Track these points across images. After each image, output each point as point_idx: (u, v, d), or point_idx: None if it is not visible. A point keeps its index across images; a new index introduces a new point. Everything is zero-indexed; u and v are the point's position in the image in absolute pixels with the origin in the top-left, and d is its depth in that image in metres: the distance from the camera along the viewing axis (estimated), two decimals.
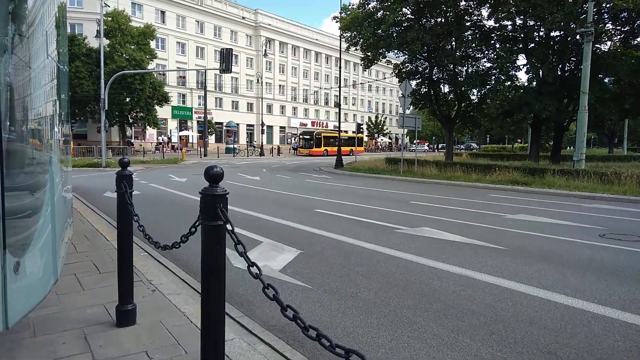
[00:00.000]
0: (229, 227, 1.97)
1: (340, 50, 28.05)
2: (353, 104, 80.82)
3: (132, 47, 35.68)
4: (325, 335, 1.58)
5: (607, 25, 23.12)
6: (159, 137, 48.40)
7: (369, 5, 25.91)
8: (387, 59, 29.08)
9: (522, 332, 3.60)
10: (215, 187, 2.01)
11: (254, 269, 1.92)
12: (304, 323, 1.67)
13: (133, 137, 46.88)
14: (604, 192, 14.27)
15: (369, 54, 27.16)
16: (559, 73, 23.95)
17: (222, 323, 2.10)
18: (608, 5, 20.95)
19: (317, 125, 69.20)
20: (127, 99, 35.03)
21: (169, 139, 47.46)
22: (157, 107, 38.38)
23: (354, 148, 41.81)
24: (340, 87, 30.37)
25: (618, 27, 23.40)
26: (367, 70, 61.49)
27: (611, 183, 15.28)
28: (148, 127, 41.74)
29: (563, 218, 9.45)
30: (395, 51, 27.31)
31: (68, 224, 3.97)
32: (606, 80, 24.15)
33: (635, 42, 22.33)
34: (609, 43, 24.12)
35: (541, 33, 24.11)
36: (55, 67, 3.11)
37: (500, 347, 3.34)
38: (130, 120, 38.22)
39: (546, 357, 3.19)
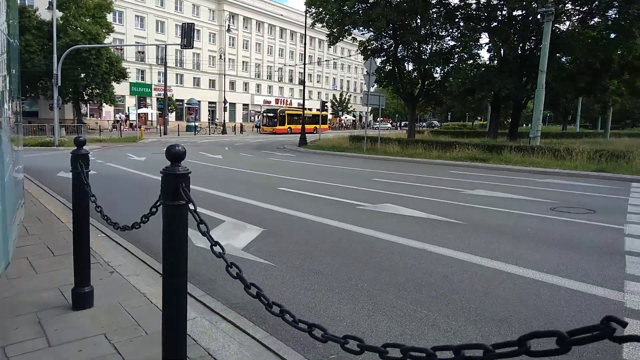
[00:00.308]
0: (191, 206, 1.95)
1: (305, 27, 27.67)
2: (318, 82, 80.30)
3: (88, 20, 33.97)
4: (288, 310, 1.61)
5: (567, 5, 23.79)
6: (117, 115, 46.70)
7: None
8: (353, 36, 28.95)
9: (477, 302, 3.78)
10: (177, 166, 1.98)
11: (216, 248, 1.92)
12: (267, 300, 1.69)
13: (88, 115, 45.10)
14: (556, 167, 14.91)
15: (334, 30, 26.96)
16: (519, 52, 24.57)
17: (184, 302, 2.11)
18: None
19: (281, 103, 68.50)
20: (82, 75, 33.48)
21: (127, 116, 45.91)
22: (114, 84, 36.90)
23: (318, 126, 41.75)
24: (305, 64, 30.07)
25: (577, 7, 24.12)
26: (332, 47, 61.04)
27: (563, 159, 15.97)
28: (104, 104, 40.12)
29: (518, 193, 9.84)
30: (361, 28, 27.22)
31: (19, 204, 3.83)
32: (563, 59, 24.97)
33: (592, 22, 23.10)
34: (567, 23, 24.88)
35: (504, 12, 24.57)
36: (4, 40, 2.94)
37: (456, 316, 3.49)
38: (86, 97, 36.67)
39: (498, 324, 3.37)
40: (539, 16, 21.11)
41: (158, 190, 2.04)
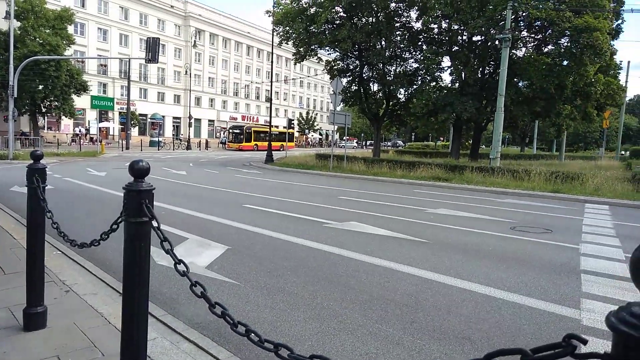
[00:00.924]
0: (154, 223, 1.90)
1: (272, 45, 27.85)
2: (285, 99, 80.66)
3: (47, 31, 33.00)
4: (254, 330, 1.58)
5: (523, 32, 24.98)
6: (76, 128, 45.26)
7: (302, 1, 25.99)
8: (319, 55, 29.35)
9: (440, 319, 3.82)
10: (140, 182, 1.93)
11: (180, 267, 1.87)
12: (232, 319, 1.66)
13: (46, 128, 43.53)
14: (515, 187, 15.43)
15: (300, 49, 27.25)
16: (480, 76, 25.52)
17: (145, 322, 2.03)
18: (524, 14, 22.60)
19: (247, 120, 68.27)
20: (40, 87, 32.35)
21: (87, 130, 44.56)
22: (74, 97, 35.83)
23: (284, 143, 41.78)
24: (271, 81, 30.19)
25: (532, 35, 25.35)
26: (299, 65, 61.59)
27: (522, 179, 16.55)
28: (63, 117, 38.84)
29: (479, 212, 10.10)
30: (327, 48, 27.65)
31: None
32: (520, 84, 26.07)
33: (546, 49, 24.29)
34: (524, 49, 26.07)
35: (464, 37, 25.53)
36: None
37: (420, 334, 3.52)
38: (43, 110, 35.40)
39: (461, 342, 3.41)
40: (497, 42, 22.05)
41: (118, 207, 1.98)
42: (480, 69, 25.79)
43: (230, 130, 52.13)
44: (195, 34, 58.11)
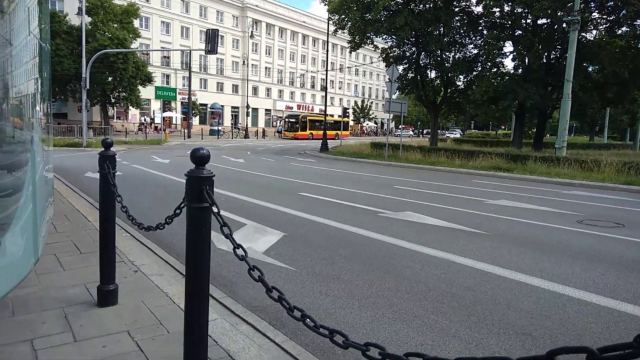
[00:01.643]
0: (214, 209, 1.97)
1: (327, 34, 27.81)
2: (340, 88, 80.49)
3: (115, 25, 34.87)
4: (309, 315, 1.61)
5: (594, 14, 23.35)
6: (142, 118, 47.64)
7: None
8: (375, 43, 28.94)
9: (500, 314, 3.70)
10: (201, 169, 2.00)
11: (239, 251, 1.92)
12: (289, 304, 1.69)
13: (115, 117, 46.12)
14: (583, 179, 14.56)
15: (356, 37, 26.99)
16: (545, 61, 24.19)
17: (206, 304, 2.12)
18: None
19: (302, 109, 68.86)
20: (110, 79, 34.36)
21: (152, 119, 46.77)
22: (140, 87, 37.74)
23: (339, 132, 41.77)
24: (327, 70, 30.23)
25: (604, 16, 23.64)
26: (354, 53, 61.15)
27: (591, 170, 15.59)
28: (131, 107, 41.07)
29: (543, 204, 9.64)
30: (384, 36, 27.19)
31: (49, 202, 3.93)
32: (590, 69, 24.47)
33: (620, 31, 22.61)
34: (594, 32, 24.40)
35: (528, 20, 24.24)
36: (37, 44, 3.04)
37: (478, 328, 3.43)
38: (113, 100, 37.56)
39: (521, 338, 3.29)
40: (564, 25, 20.77)
41: (181, 192, 2.06)
42: (546, 54, 24.40)
43: (286, 120, 52.78)
44: (252, 25, 59.11)
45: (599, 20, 23.88)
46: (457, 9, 25.94)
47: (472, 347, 3.12)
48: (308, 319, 1.60)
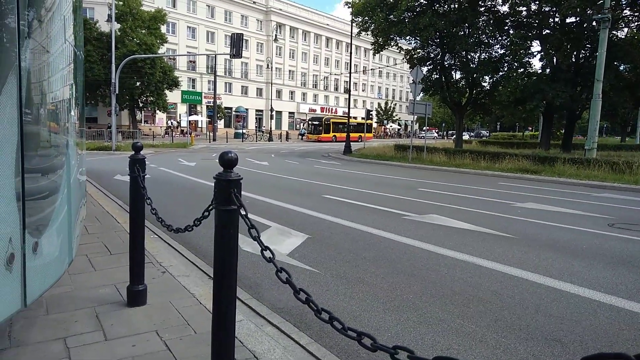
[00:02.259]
0: (242, 211, 2.00)
1: (351, 36, 27.81)
2: (363, 90, 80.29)
3: (143, 31, 35.65)
4: (337, 318, 1.61)
5: (625, 11, 22.68)
6: (169, 122, 48.54)
7: None
8: (398, 45, 28.79)
9: (528, 319, 3.63)
10: (229, 172, 2.03)
11: (267, 253, 1.94)
12: (316, 306, 1.70)
13: (143, 121, 47.09)
14: (614, 181, 14.15)
15: (379, 39, 26.90)
16: (574, 60, 23.60)
17: (234, 305, 2.15)
18: None
19: (326, 111, 68.97)
20: (138, 83, 35.13)
21: (179, 123, 47.59)
22: (167, 92, 38.44)
23: (362, 134, 41.65)
24: (350, 72, 30.20)
25: (636, 14, 22.94)
26: (377, 55, 60.92)
27: (622, 172, 15.14)
28: (158, 111, 41.88)
29: (572, 207, 9.41)
30: (408, 37, 27.02)
31: (82, 204, 4.06)
32: (622, 67, 23.77)
33: None
34: (625, 30, 23.70)
35: (556, 19, 23.72)
36: (72, 51, 3.15)
37: (505, 333, 3.38)
38: (140, 105, 38.37)
39: (550, 344, 3.23)
40: (594, 23, 20.24)
41: (206, 195, 2.10)
42: (575, 53, 23.81)
43: (309, 122, 52.97)
44: (276, 28, 59.59)
45: (630, 18, 23.18)
46: (482, 9, 25.58)
47: (500, 353, 3.08)
48: (336, 321, 1.61)
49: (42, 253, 2.32)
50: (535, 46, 23.83)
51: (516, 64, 24.65)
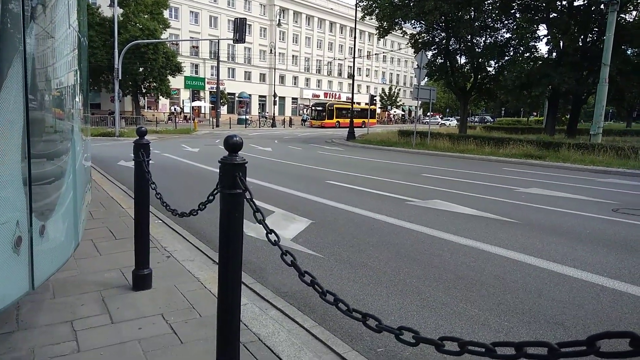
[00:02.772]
0: (247, 195, 2.00)
1: (355, 20, 27.50)
2: (367, 75, 79.73)
3: (146, 16, 35.39)
4: (342, 300, 1.63)
5: None
6: (172, 108, 48.46)
7: None
8: (403, 29, 28.46)
9: (530, 303, 3.66)
10: (234, 156, 2.03)
11: (272, 236, 1.95)
12: (321, 288, 1.71)
13: (146, 107, 47.02)
14: (619, 166, 14.08)
15: (384, 23, 26.59)
16: (580, 44, 23.28)
17: (239, 288, 2.17)
18: None
19: (329, 97, 68.59)
20: (141, 69, 34.98)
21: (182, 109, 47.51)
22: (170, 77, 38.29)
23: (366, 120, 41.41)
24: (354, 57, 29.93)
25: None
26: (382, 40, 60.32)
27: (628, 158, 15.06)
28: (161, 97, 41.74)
29: (576, 192, 9.39)
30: (413, 21, 26.68)
31: (87, 189, 4.08)
32: (629, 51, 23.43)
33: None
34: (634, 13, 23.29)
35: (564, 2, 23.34)
36: (76, 37, 3.14)
37: (508, 317, 3.40)
38: (144, 90, 38.28)
39: (553, 327, 3.25)
40: (602, 6, 19.91)
41: (210, 180, 2.12)
42: (582, 37, 23.47)
43: (313, 108, 52.68)
44: (279, 13, 59.02)
45: (639, 1, 22.77)
46: None
47: (502, 336, 3.10)
48: (341, 303, 1.63)
49: (49, 237, 2.35)
50: (542, 30, 23.68)
51: (522, 48, 24.36)
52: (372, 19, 27.61)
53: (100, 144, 19.36)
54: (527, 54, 24.60)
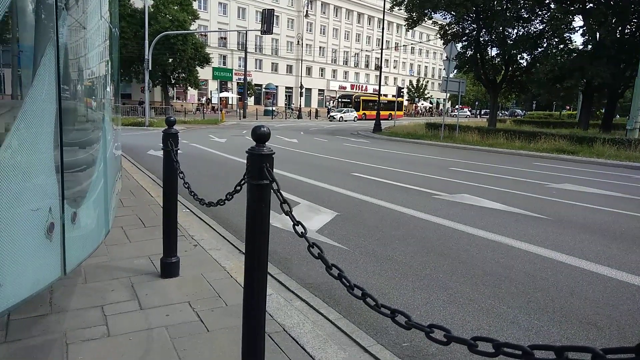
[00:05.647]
0: (274, 186, 1.99)
1: (383, 11, 27.14)
2: (394, 67, 78.80)
3: (175, 7, 35.83)
4: (370, 294, 1.60)
5: None
6: (200, 98, 49.03)
7: None
8: (433, 19, 27.94)
9: (562, 301, 3.55)
10: (262, 146, 2.02)
11: (299, 228, 1.93)
12: (349, 282, 1.69)
13: (175, 98, 47.73)
14: None
15: (413, 14, 26.17)
16: (618, 36, 22.39)
17: (265, 278, 2.16)
18: None
19: (356, 89, 68.16)
20: (170, 60, 35.48)
21: (209, 100, 48.00)
22: (198, 68, 38.73)
23: (393, 112, 41.12)
24: (382, 49, 29.58)
25: None
26: (410, 31, 59.43)
27: None
28: (189, 87, 42.29)
29: (611, 189, 9.07)
30: (442, 12, 26.17)
31: (118, 177, 4.16)
32: None
33: None
34: None
35: None
36: (107, 28, 3.18)
37: (537, 315, 3.31)
38: (173, 81, 38.82)
39: (585, 327, 3.15)
40: None
41: (236, 170, 2.11)
42: (620, 28, 22.55)
43: (339, 100, 52.48)
44: (307, 4, 58.77)
45: None
46: None
47: (532, 335, 3.02)
48: (369, 298, 1.60)
49: (80, 224, 2.39)
50: (578, 21, 22.79)
51: (556, 40, 23.59)
52: (400, 9, 27.20)
53: (130, 133, 19.75)
54: (562, 46, 23.82)
